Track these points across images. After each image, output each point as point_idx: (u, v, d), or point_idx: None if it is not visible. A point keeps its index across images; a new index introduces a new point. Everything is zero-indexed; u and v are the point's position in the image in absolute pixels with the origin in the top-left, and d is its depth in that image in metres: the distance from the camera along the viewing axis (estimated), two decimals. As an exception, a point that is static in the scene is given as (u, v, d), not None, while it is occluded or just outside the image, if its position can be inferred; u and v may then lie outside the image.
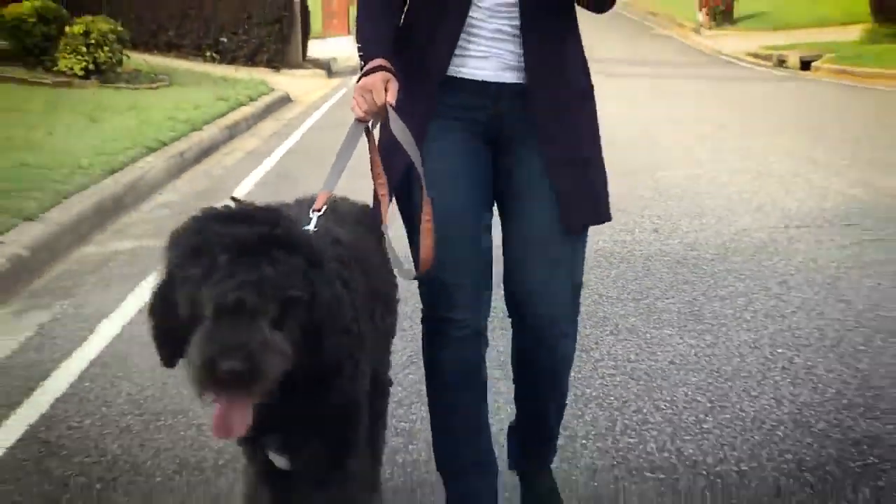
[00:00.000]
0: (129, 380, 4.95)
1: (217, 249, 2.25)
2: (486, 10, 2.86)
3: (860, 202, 8.57)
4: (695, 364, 4.96)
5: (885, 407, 4.44)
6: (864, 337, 5.33)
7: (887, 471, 3.83)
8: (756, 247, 7.17)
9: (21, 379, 5.04)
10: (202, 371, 2.21)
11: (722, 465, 3.88)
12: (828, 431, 4.16)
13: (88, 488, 3.86)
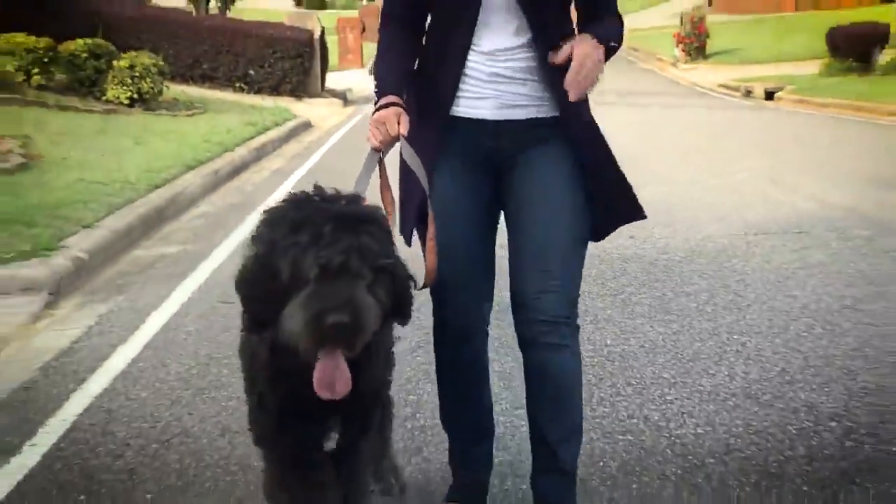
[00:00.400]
0: (177, 360, 5.07)
1: (320, 221, 2.26)
2: (485, 55, 2.86)
3: (810, 213, 8.63)
4: (662, 348, 5.08)
5: (820, 381, 4.56)
6: (806, 325, 5.46)
7: (819, 432, 3.96)
8: (718, 251, 7.27)
9: (86, 360, 5.15)
10: (310, 325, 2.21)
11: (682, 429, 4.01)
12: (771, 401, 4.30)
13: (146, 448, 3.98)
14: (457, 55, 2.87)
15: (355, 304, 2.20)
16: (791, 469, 3.66)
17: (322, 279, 2.22)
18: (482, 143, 2.91)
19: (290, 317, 2.23)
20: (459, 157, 2.91)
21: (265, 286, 2.31)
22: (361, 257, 2.24)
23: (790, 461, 3.73)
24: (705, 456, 3.77)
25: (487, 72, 2.87)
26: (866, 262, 6.82)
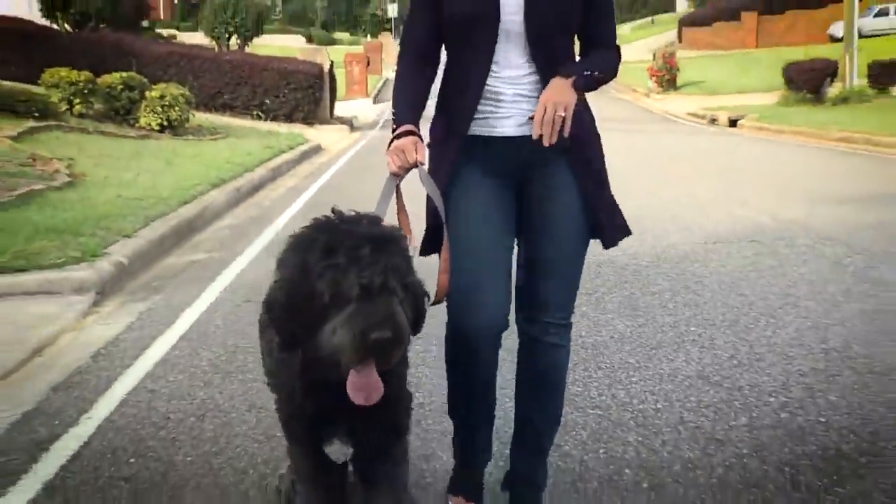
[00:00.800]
0: (208, 350, 5.17)
1: (356, 243, 2.22)
2: (506, 80, 2.83)
3: (763, 225, 8.70)
4: (629, 338, 5.21)
5: (762, 365, 4.69)
6: (753, 319, 5.57)
7: (759, 406, 4.11)
8: (681, 257, 7.35)
9: (129, 349, 5.26)
10: (355, 341, 2.16)
11: (643, 404, 4.16)
12: (721, 382, 4.45)
13: (184, 420, 4.11)
14: (480, 80, 2.83)
15: (395, 320, 2.17)
16: (734, 435, 3.80)
17: (363, 298, 2.17)
18: (506, 158, 2.86)
19: (332, 334, 2.18)
20: (487, 172, 2.87)
21: (300, 308, 2.25)
22: (396, 276, 2.22)
23: (733, 429, 3.87)
24: (662, 426, 3.91)
25: (511, 93, 2.83)
26: (807, 267, 6.90)
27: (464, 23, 2.82)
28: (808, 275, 6.67)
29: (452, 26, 2.85)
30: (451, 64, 2.92)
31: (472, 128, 2.84)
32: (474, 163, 2.85)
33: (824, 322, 5.48)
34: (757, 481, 3.39)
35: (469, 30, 2.82)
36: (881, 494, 3.25)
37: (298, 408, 2.48)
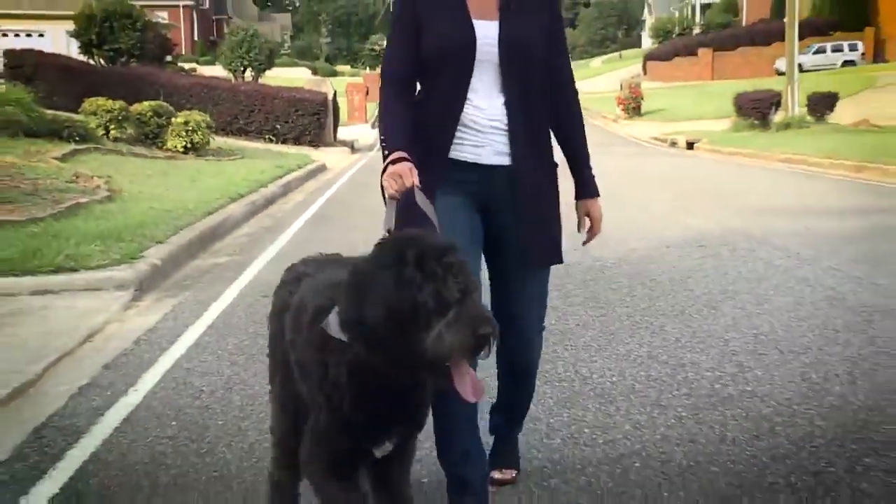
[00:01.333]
0: (233, 336, 5.31)
1: (440, 254, 2.14)
2: (483, 110, 2.76)
3: (710, 232, 8.79)
4: (591, 325, 5.35)
5: (702, 346, 4.87)
6: (697, 310, 5.72)
7: (698, 380, 4.30)
8: (639, 259, 7.48)
9: (165, 336, 5.40)
10: (468, 340, 2.07)
11: (602, 378, 4.36)
12: (667, 360, 4.65)
13: (215, 392, 4.28)
14: (458, 109, 2.76)
15: (491, 317, 2.12)
16: (675, 402, 4.01)
17: (466, 299, 2.11)
18: (479, 184, 2.79)
19: (439, 338, 2.06)
20: (459, 194, 2.78)
21: (402, 321, 2.10)
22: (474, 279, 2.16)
23: (675, 397, 4.08)
24: (616, 395, 4.12)
25: (485, 122, 2.77)
26: (746, 268, 7.04)
27: (442, 55, 2.76)
28: (745, 273, 6.83)
29: (431, 58, 2.78)
30: (428, 93, 2.83)
31: (449, 153, 2.79)
32: (450, 186, 2.76)
33: (756, 312, 5.64)
34: (692, 437, 3.59)
35: (447, 62, 2.76)
36: (791, 445, 3.49)
37: (346, 422, 2.28)
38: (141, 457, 3.56)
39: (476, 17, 2.74)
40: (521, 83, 2.77)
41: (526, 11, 2.78)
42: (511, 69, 2.75)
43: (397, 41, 2.83)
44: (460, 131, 2.77)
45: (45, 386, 4.47)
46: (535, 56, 2.79)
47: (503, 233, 2.83)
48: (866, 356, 4.62)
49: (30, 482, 3.34)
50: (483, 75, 2.75)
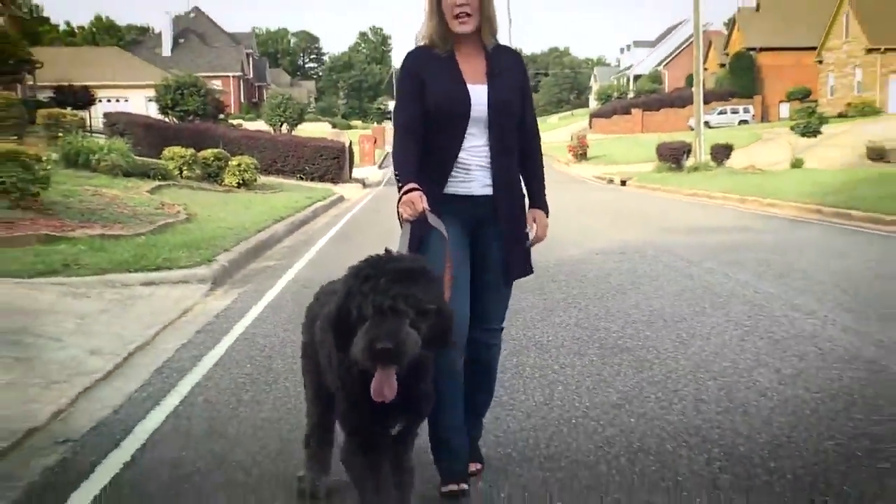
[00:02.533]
0: (283, 312, 5.58)
1: (380, 275, 2.02)
2: (471, 153, 2.67)
3: (629, 244, 9.01)
4: (536, 305, 5.63)
5: (613, 317, 5.25)
6: (612, 295, 6.07)
7: (607, 339, 4.69)
8: (575, 262, 7.67)
9: (234, 315, 5.65)
10: (365, 349, 1.96)
11: (541, 338, 4.68)
12: (587, 327, 4.99)
13: (272, 357, 4.46)
14: (454, 154, 2.67)
15: (397, 335, 1.95)
16: (590, 352, 4.41)
17: (376, 316, 1.98)
18: (468, 211, 2.69)
19: (355, 344, 1.99)
20: (454, 220, 2.65)
21: (343, 322, 2.06)
22: (407, 301, 1.99)
23: (590, 350, 4.46)
24: (550, 347, 4.51)
25: (474, 163, 2.68)
26: (650, 267, 7.35)
27: (443, 113, 2.66)
28: (648, 271, 7.17)
29: (434, 113, 2.67)
30: (431, 140, 2.69)
31: (446, 188, 2.69)
32: (447, 213, 2.63)
33: (654, 296, 6.01)
34: (599, 372, 4.06)
35: (447, 118, 2.66)
36: (662, 377, 3.99)
37: (361, 409, 2.17)
38: (228, 385, 4.02)
39: (469, 82, 2.67)
40: (502, 133, 2.70)
41: (507, 77, 2.71)
42: (496, 123, 2.68)
43: (407, 97, 2.70)
44: (455, 171, 2.68)
45: (158, 344, 4.91)
46: (514, 112, 2.74)
47: (487, 251, 2.74)
48: (721, 325, 5.09)
49: (158, 398, 3.85)
50: (473, 127, 2.67)
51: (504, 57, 2.75)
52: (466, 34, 2.66)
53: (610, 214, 13.55)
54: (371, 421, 2.18)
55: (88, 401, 3.84)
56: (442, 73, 2.66)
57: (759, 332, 4.86)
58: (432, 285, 2.10)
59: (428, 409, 2.34)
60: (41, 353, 4.47)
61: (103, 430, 3.45)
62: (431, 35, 2.69)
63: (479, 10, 2.63)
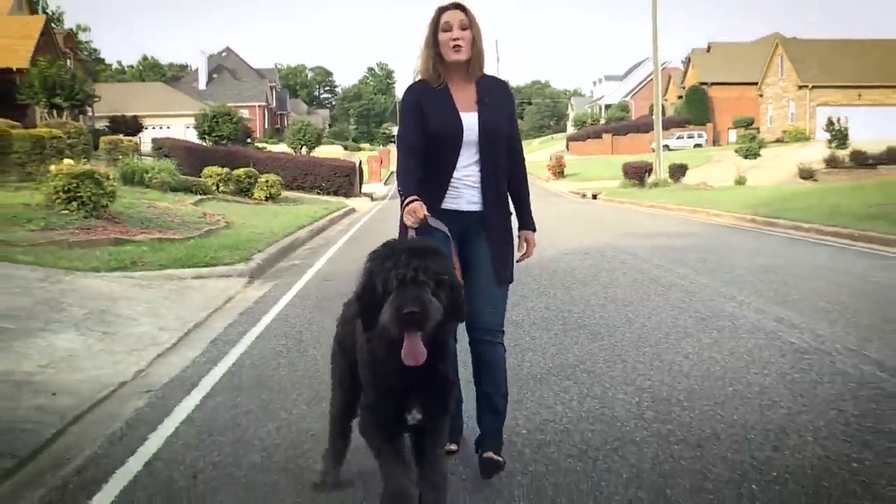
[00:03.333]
0: (309, 302, 5.80)
1: (399, 253, 1.97)
2: (463, 172, 2.62)
3: (593, 245, 9.30)
4: (513, 293, 5.23)
5: (575, 302, 5.50)
6: (576, 285, 6.28)
7: (569, 318, 4.97)
8: (547, 259, 7.74)
9: (268, 302, 5.90)
10: (394, 315, 1.89)
11: (517, 318, 4.84)
12: (553, 309, 5.28)
13: (302, 325, 4.83)
14: (448, 174, 2.62)
15: (422, 300, 1.89)
16: (554, 328, 4.71)
17: (400, 286, 1.92)
18: (455, 224, 2.59)
19: (383, 314, 1.92)
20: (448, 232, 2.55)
21: (369, 298, 1.98)
22: (426, 273, 1.94)
23: (553, 326, 4.78)
24: (522, 324, 4.77)
25: (464, 182, 2.63)
26: (608, 265, 7.61)
27: (441, 139, 2.62)
28: (607, 267, 7.48)
29: (432, 140, 2.62)
30: (429, 161, 2.64)
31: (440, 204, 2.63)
32: None
33: (610, 286, 6.36)
34: (560, 342, 4.42)
35: (443, 143, 2.62)
36: (610, 346, 4.38)
37: (385, 382, 2.07)
38: (268, 353, 4.39)
39: (461, 110, 2.63)
40: (491, 154, 2.64)
41: (495, 105, 2.66)
42: (485, 147, 2.63)
43: (410, 122, 2.65)
44: (451, 186, 2.63)
45: (211, 323, 5.28)
46: (502, 136, 2.68)
47: (477, 259, 2.67)
48: (661, 307, 5.48)
49: (215, 361, 4.24)
50: (465, 151, 2.62)
51: (492, 85, 2.71)
52: (458, 66, 2.62)
53: (580, 222, 13.75)
54: (393, 399, 2.05)
55: (162, 364, 4.26)
56: (438, 103, 2.63)
57: (689, 313, 5.28)
58: (444, 260, 2.05)
59: (452, 401, 2.18)
60: (122, 328, 4.89)
61: (176, 384, 3.87)
62: (427, 66, 2.65)
63: (471, 44, 2.61)
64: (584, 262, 8.03)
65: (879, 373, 3.74)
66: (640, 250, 8.94)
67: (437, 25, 2.59)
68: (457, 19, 2.57)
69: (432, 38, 2.61)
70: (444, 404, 2.15)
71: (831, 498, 2.43)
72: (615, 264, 7.81)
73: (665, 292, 6.11)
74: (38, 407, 3.38)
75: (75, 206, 8.23)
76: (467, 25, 2.58)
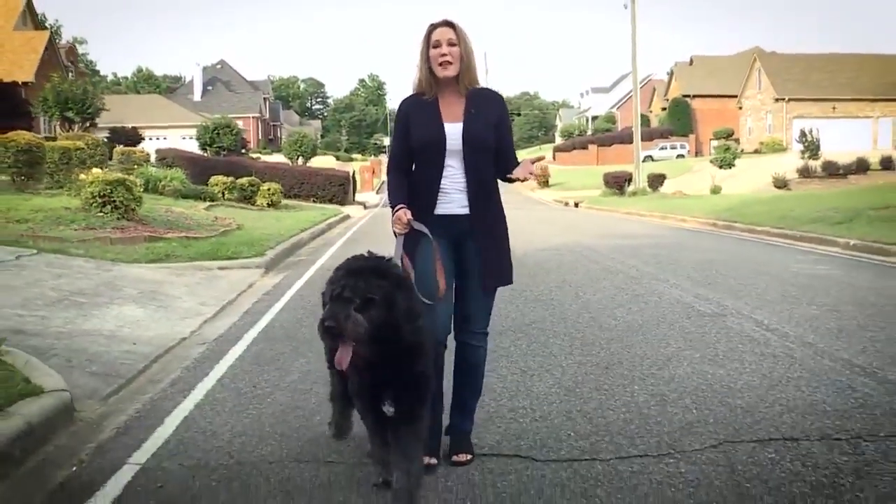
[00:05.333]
0: (317, 288, 6.36)
1: (339, 272, 2.10)
2: (450, 179, 2.65)
3: (567, 244, 10.12)
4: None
5: (549, 289, 6.41)
6: (542, 275, 7.18)
7: (540, 301, 6.06)
8: (521, 256, 8.07)
9: (282, 289, 6.75)
10: (319, 327, 2.06)
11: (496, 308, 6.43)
12: (531, 294, 6.07)
13: (313, 306, 5.16)
14: (436, 182, 2.65)
15: (338, 315, 2.02)
16: (537, 317, 5.41)
17: (330, 302, 2.06)
18: (449, 227, 2.64)
19: None
20: (440, 235, 2.60)
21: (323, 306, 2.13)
22: (354, 291, 2.05)
23: (537, 313, 5.47)
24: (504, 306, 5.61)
25: (452, 188, 2.66)
26: (572, 258, 8.62)
27: (425, 147, 2.66)
28: (571, 260, 8.47)
29: (417, 149, 2.68)
30: (418, 170, 2.71)
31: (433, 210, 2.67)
32: (434, 229, 2.60)
33: (569, 274, 7.37)
34: (538, 319, 5.39)
35: (427, 151, 2.65)
36: (575, 324, 5.64)
37: (356, 378, 2.26)
38: (290, 320, 5.47)
39: (447, 120, 2.66)
40: (477, 162, 2.66)
41: (482, 115, 2.68)
42: (470, 155, 2.65)
43: (397, 138, 2.74)
44: (441, 192, 2.66)
45: (240, 301, 6.36)
46: (487, 145, 2.68)
47: (468, 262, 2.69)
48: (606, 287, 6.59)
49: (251, 325, 5.35)
50: (451, 159, 2.65)
51: (482, 97, 2.73)
52: (449, 81, 2.66)
53: (558, 227, 14.67)
54: (364, 391, 2.22)
55: (209, 327, 5.44)
56: (425, 115, 2.67)
57: (627, 291, 6.49)
58: (381, 281, 2.10)
59: (426, 393, 2.27)
60: (171, 303, 6.06)
61: (224, 338, 5.05)
62: (421, 80, 2.70)
63: (460, 60, 2.65)
64: (552, 256, 9.01)
65: (762, 331, 4.94)
66: (604, 248, 9.99)
67: (428, 41, 2.67)
68: (445, 37, 2.65)
69: (424, 53, 2.67)
70: (416, 398, 2.26)
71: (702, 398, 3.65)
72: (578, 258, 8.90)
73: (613, 278, 7.31)
74: (126, 350, 4.57)
75: (109, 210, 9.38)
76: (455, 42, 2.65)
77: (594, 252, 9.62)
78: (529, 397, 3.62)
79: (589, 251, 9.74)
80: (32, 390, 3.33)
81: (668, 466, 2.72)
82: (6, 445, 2.80)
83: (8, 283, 5.87)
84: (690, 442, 2.97)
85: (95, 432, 3.26)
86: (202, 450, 3.03)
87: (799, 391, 3.59)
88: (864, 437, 2.96)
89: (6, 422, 2.96)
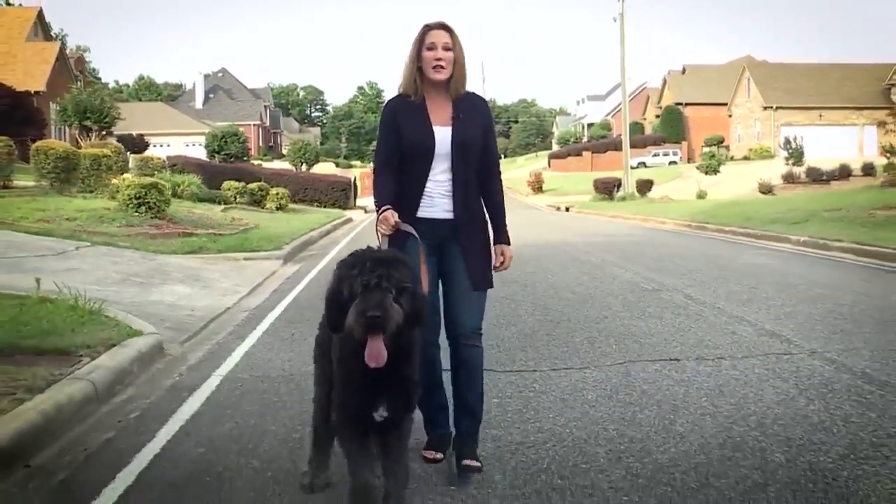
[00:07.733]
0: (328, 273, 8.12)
1: (365, 261, 2.03)
2: (436, 183, 2.64)
3: (552, 242, 11.18)
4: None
5: (538, 282, 7.31)
6: (540, 268, 7.94)
7: (527, 292, 7.36)
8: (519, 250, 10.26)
9: (300, 277, 7.87)
10: (358, 318, 1.95)
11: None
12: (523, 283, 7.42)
13: None
14: (422, 185, 2.64)
15: (384, 304, 1.96)
16: (523, 312, 5.93)
17: (364, 292, 1.98)
18: (433, 231, 2.64)
19: (349, 317, 1.98)
20: (424, 239, 2.58)
21: (336, 302, 2.05)
22: (389, 280, 2.00)
23: (524, 308, 5.64)
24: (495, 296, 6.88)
25: (437, 192, 2.64)
26: (554, 254, 9.64)
27: (413, 150, 2.63)
28: (552, 255, 9.50)
29: (406, 152, 2.65)
30: (405, 173, 2.67)
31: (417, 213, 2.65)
32: (418, 233, 2.57)
33: (549, 266, 8.35)
34: (532, 307, 6.57)
35: (415, 155, 2.63)
36: (554, 307, 6.94)
37: (353, 382, 2.15)
38: (312, 298, 6.58)
39: (436, 124, 2.64)
40: (464, 167, 2.65)
41: (470, 120, 2.67)
42: (458, 159, 2.64)
43: (384, 139, 2.70)
44: (423, 199, 2.66)
45: (266, 284, 7.59)
46: (475, 151, 2.68)
47: (452, 264, 2.71)
48: (581, 277, 7.77)
49: (280, 300, 6.63)
50: (438, 163, 2.64)
51: (469, 102, 2.71)
52: (438, 84, 2.64)
53: (546, 227, 15.63)
54: (360, 397, 2.11)
55: (246, 301, 6.74)
56: (413, 117, 2.63)
57: (590, 275, 7.78)
58: (407, 270, 2.09)
59: (414, 400, 2.25)
60: (212, 284, 7.38)
61: (261, 308, 6.35)
62: (408, 80, 2.66)
63: (453, 65, 2.62)
64: (536, 252, 9.97)
65: (686, 300, 6.24)
66: (582, 244, 11.20)
67: (421, 42, 2.63)
68: (441, 40, 2.61)
69: (416, 53, 2.64)
70: (407, 403, 2.22)
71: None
72: (558, 254, 10.07)
73: (581, 266, 8.62)
74: (187, 314, 5.90)
75: (144, 210, 10.70)
76: (450, 47, 2.61)
77: (572, 247, 10.82)
78: (496, 339, 4.92)
79: (568, 246, 10.95)
80: (135, 332, 4.66)
81: (584, 374, 4.06)
82: (129, 365, 4.15)
83: (79, 267, 7.20)
84: (604, 361, 4.31)
85: (184, 360, 4.59)
86: (263, 368, 4.36)
87: (693, 335, 4.91)
88: (725, 357, 4.29)
89: (125, 350, 4.29)
